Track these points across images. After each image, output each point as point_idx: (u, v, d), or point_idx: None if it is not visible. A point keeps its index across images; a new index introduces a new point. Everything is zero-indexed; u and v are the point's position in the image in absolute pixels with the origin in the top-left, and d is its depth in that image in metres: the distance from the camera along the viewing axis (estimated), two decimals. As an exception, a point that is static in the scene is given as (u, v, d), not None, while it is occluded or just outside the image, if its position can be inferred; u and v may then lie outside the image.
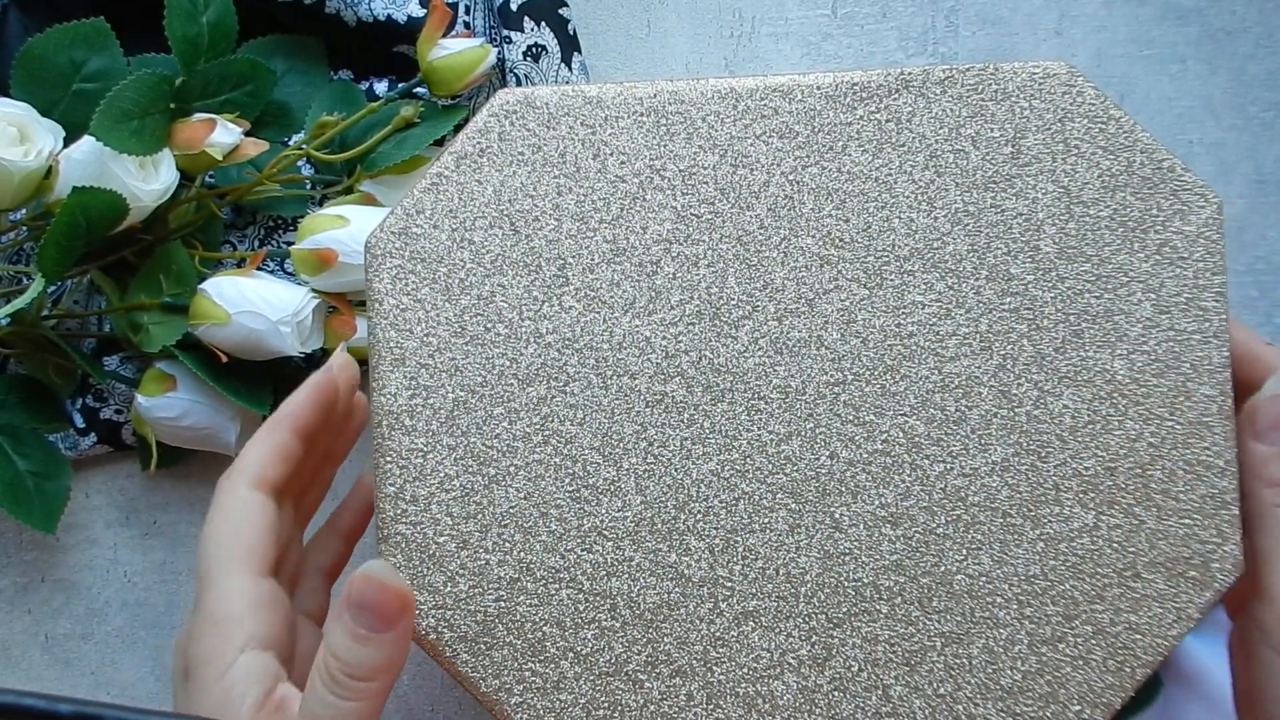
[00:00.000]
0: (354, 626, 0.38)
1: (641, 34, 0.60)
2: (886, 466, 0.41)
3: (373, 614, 0.38)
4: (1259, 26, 0.60)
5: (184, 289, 0.53)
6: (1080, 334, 0.41)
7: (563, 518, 0.41)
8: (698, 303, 0.41)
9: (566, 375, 0.41)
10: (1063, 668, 0.40)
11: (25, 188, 0.51)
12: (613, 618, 0.40)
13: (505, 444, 0.41)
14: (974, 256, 0.41)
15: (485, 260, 0.41)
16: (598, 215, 0.41)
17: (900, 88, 0.42)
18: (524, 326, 0.41)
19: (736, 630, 0.40)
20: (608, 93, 0.42)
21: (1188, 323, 0.41)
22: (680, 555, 0.40)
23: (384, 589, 0.38)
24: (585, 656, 0.40)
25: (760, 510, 0.41)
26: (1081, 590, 0.40)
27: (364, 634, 0.38)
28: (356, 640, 0.38)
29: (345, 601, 0.38)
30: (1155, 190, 0.41)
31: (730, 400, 0.41)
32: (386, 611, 0.38)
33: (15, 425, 0.54)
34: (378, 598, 0.38)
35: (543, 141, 0.41)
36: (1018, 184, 0.41)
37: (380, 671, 0.38)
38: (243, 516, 0.41)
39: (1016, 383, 0.41)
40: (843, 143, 0.41)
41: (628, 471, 0.41)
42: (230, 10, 0.54)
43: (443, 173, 0.41)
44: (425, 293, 0.41)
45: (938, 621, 0.40)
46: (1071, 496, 0.41)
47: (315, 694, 0.38)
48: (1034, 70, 0.41)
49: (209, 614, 0.40)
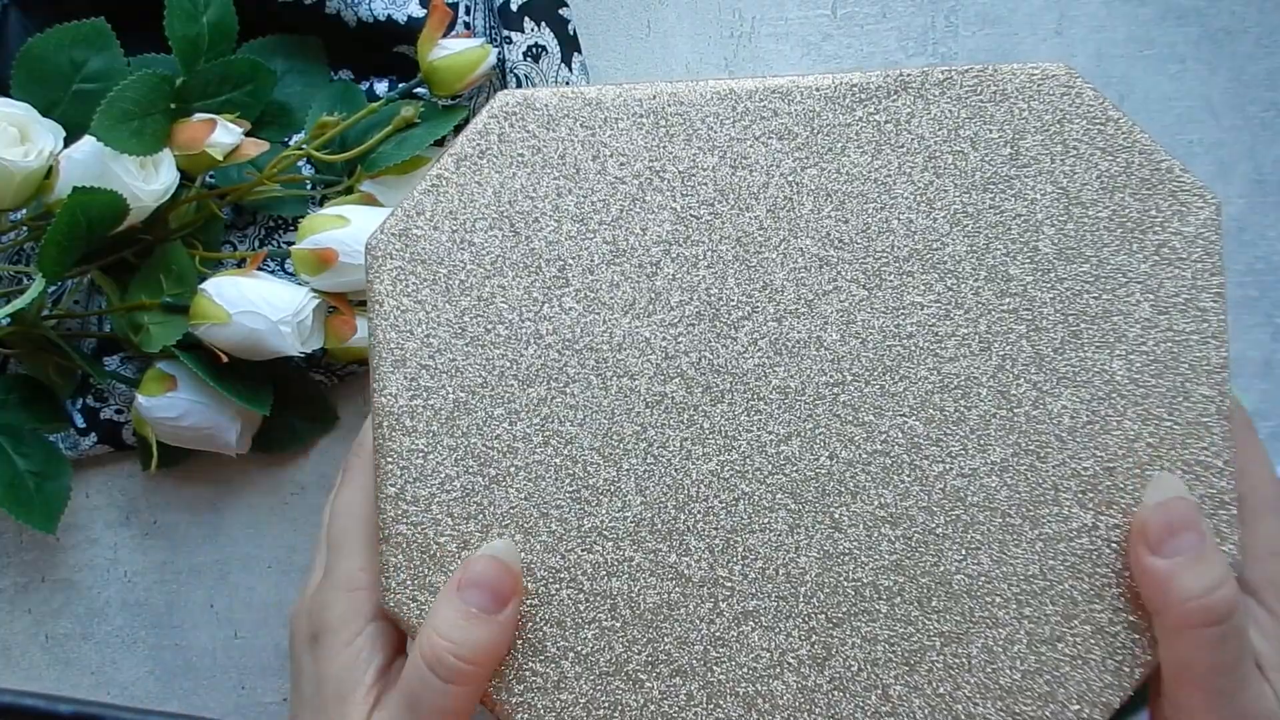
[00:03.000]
0: (465, 605, 0.38)
1: (641, 34, 0.60)
2: (886, 467, 0.41)
3: (487, 593, 0.39)
4: (1259, 26, 0.60)
5: (184, 289, 0.53)
6: (1079, 334, 0.41)
7: (563, 518, 0.41)
8: (697, 304, 0.41)
9: (566, 376, 0.41)
10: (1062, 667, 0.40)
11: (25, 188, 0.51)
12: (613, 617, 0.41)
13: (505, 445, 0.41)
14: (973, 257, 0.41)
15: (485, 261, 0.41)
16: (597, 217, 0.41)
17: (899, 89, 0.42)
18: (524, 328, 0.41)
19: (736, 630, 0.41)
20: (607, 94, 0.42)
21: (1186, 323, 0.41)
22: (680, 555, 0.41)
23: (504, 569, 0.39)
24: (585, 656, 0.40)
25: (760, 510, 0.41)
26: (1080, 590, 0.40)
27: (474, 613, 0.38)
28: (467, 619, 0.38)
29: (460, 581, 0.39)
30: (1154, 191, 0.41)
31: (730, 401, 0.41)
32: (501, 590, 0.39)
33: (15, 425, 0.54)
34: (497, 576, 0.39)
35: (542, 143, 0.42)
36: (1016, 185, 0.41)
37: (485, 654, 0.39)
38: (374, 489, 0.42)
39: (1015, 383, 0.41)
40: (842, 144, 0.42)
41: (628, 472, 0.41)
42: (230, 10, 0.54)
43: (443, 174, 0.41)
44: (426, 294, 0.41)
45: (937, 621, 0.40)
46: (1070, 497, 0.41)
47: (416, 672, 0.38)
48: (1033, 72, 0.42)
49: (343, 582, 0.42)
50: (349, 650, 0.41)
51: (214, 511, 0.57)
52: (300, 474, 0.57)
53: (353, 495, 0.43)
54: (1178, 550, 0.38)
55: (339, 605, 0.41)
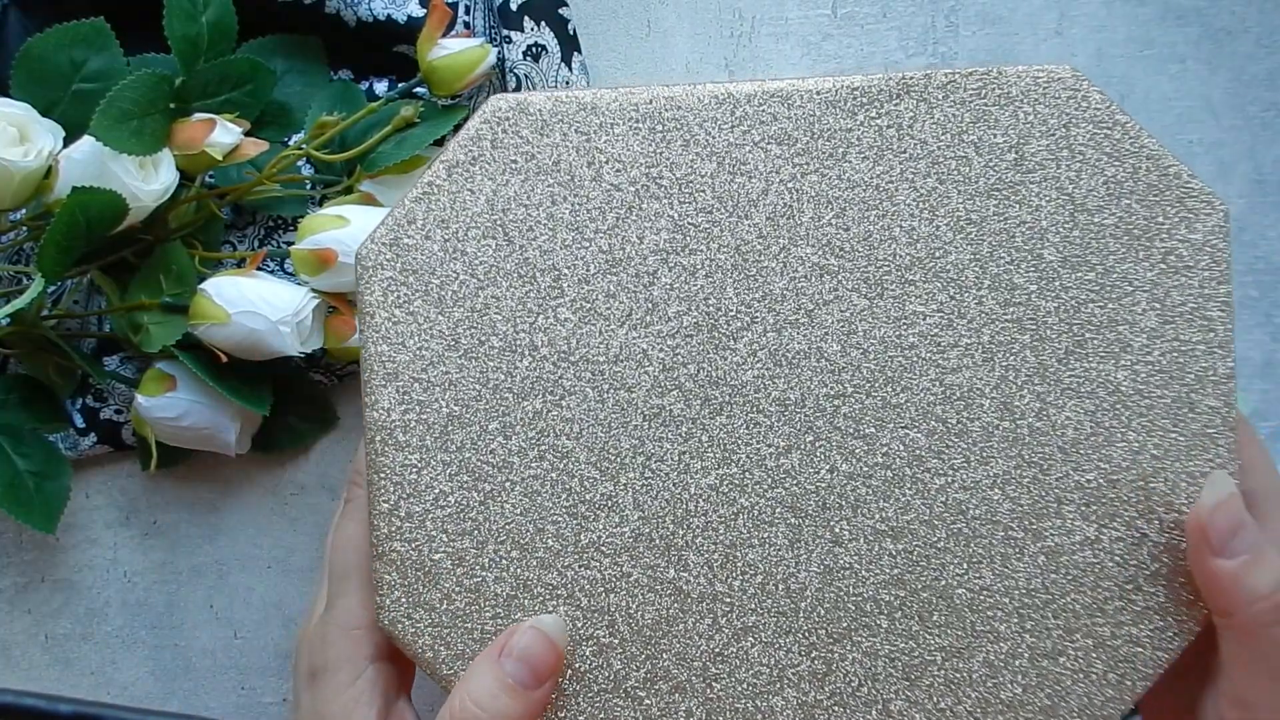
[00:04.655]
0: (505, 676, 0.36)
1: (641, 34, 0.58)
2: (887, 480, 0.38)
3: (527, 668, 0.37)
4: (1259, 26, 0.58)
5: (184, 289, 0.51)
6: (1083, 344, 0.38)
7: (559, 534, 0.38)
8: (695, 314, 0.39)
9: (562, 389, 0.38)
10: (1063, 681, 0.38)
11: (25, 188, 0.49)
12: (611, 634, 0.38)
13: (500, 459, 0.38)
14: (976, 265, 0.39)
15: (478, 272, 0.39)
16: (593, 225, 0.39)
17: (901, 92, 0.39)
18: (518, 339, 0.38)
19: (736, 646, 0.38)
20: (602, 99, 0.39)
21: (1192, 333, 0.38)
22: (679, 570, 0.38)
23: (549, 646, 0.37)
24: (584, 673, 0.38)
25: (759, 525, 0.38)
26: (1082, 603, 0.38)
27: (511, 684, 0.36)
28: (505, 690, 0.36)
29: (504, 649, 0.37)
30: (1161, 197, 0.39)
31: (729, 413, 0.38)
32: (541, 668, 0.37)
33: (15, 425, 0.52)
34: (541, 653, 0.37)
35: (536, 149, 0.39)
36: (1021, 191, 0.39)
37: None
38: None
39: (1019, 394, 0.38)
40: (843, 149, 0.39)
41: (625, 486, 0.38)
42: (230, 10, 0.52)
43: (434, 181, 0.39)
44: (418, 305, 0.38)
45: (938, 635, 0.38)
46: (1073, 509, 0.38)
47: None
48: (1038, 75, 0.39)
49: (342, 619, 0.39)
50: (348, 692, 0.38)
51: (214, 511, 0.54)
52: (300, 474, 0.55)
53: (354, 529, 0.40)
54: (1240, 550, 0.36)
55: (339, 644, 0.39)
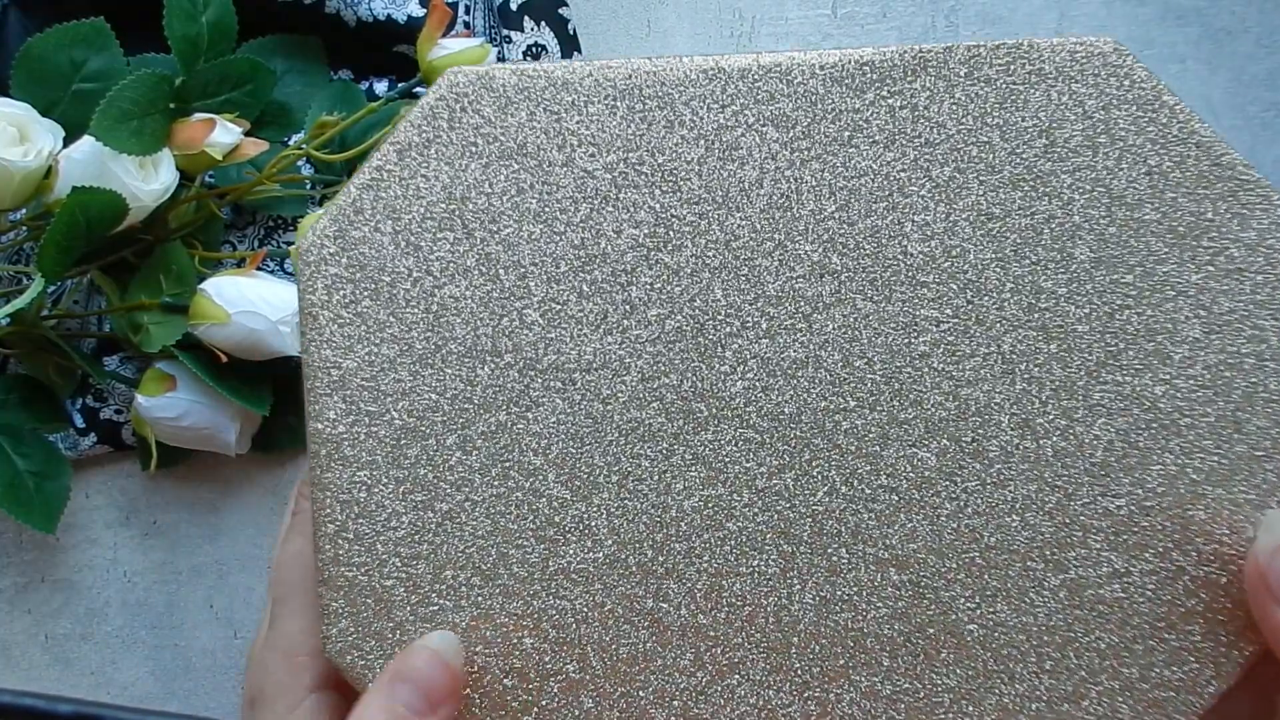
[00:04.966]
0: (395, 704, 0.26)
1: (641, 34, 0.47)
2: (892, 504, 0.28)
3: (419, 692, 0.26)
4: (1259, 27, 0.48)
5: (184, 289, 0.42)
6: (1117, 356, 0.28)
7: (525, 559, 0.28)
8: (679, 318, 0.28)
9: (529, 400, 0.28)
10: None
11: (25, 188, 0.40)
12: (582, 669, 0.28)
13: (459, 476, 0.28)
14: (998, 266, 0.28)
15: (434, 268, 0.28)
16: (564, 217, 0.28)
17: (917, 68, 0.28)
18: (479, 344, 0.28)
19: (721, 684, 0.28)
20: (575, 72, 0.28)
21: (1241, 344, 0.27)
22: (658, 601, 0.28)
23: (442, 668, 0.27)
24: (551, 711, 0.28)
25: (748, 552, 0.28)
26: (1108, 643, 0.27)
27: (402, 712, 0.26)
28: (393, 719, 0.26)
29: (390, 673, 0.26)
30: (1211, 190, 0.28)
31: (715, 429, 0.28)
32: (433, 692, 0.26)
33: (15, 425, 0.42)
34: (429, 675, 0.26)
35: (499, 130, 0.28)
36: (1051, 182, 0.28)
37: None
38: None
39: (1042, 411, 0.28)
40: (849, 133, 0.28)
41: (599, 508, 0.28)
42: (230, 10, 0.43)
43: (383, 166, 0.28)
44: (366, 306, 0.28)
45: (946, 676, 0.28)
46: (1100, 539, 0.27)
47: None
48: (1075, 48, 0.28)
49: (284, 645, 0.30)
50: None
51: (214, 511, 0.45)
52: (300, 474, 0.45)
53: (301, 544, 0.30)
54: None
55: (278, 672, 0.29)
